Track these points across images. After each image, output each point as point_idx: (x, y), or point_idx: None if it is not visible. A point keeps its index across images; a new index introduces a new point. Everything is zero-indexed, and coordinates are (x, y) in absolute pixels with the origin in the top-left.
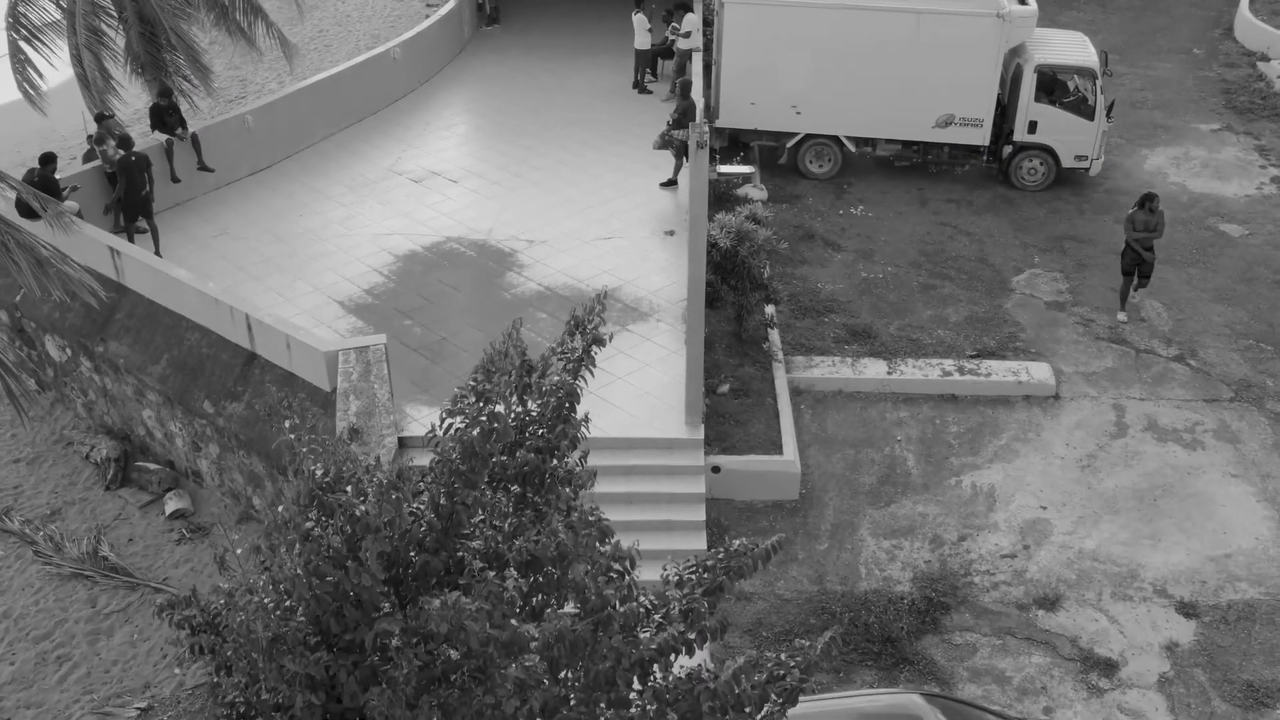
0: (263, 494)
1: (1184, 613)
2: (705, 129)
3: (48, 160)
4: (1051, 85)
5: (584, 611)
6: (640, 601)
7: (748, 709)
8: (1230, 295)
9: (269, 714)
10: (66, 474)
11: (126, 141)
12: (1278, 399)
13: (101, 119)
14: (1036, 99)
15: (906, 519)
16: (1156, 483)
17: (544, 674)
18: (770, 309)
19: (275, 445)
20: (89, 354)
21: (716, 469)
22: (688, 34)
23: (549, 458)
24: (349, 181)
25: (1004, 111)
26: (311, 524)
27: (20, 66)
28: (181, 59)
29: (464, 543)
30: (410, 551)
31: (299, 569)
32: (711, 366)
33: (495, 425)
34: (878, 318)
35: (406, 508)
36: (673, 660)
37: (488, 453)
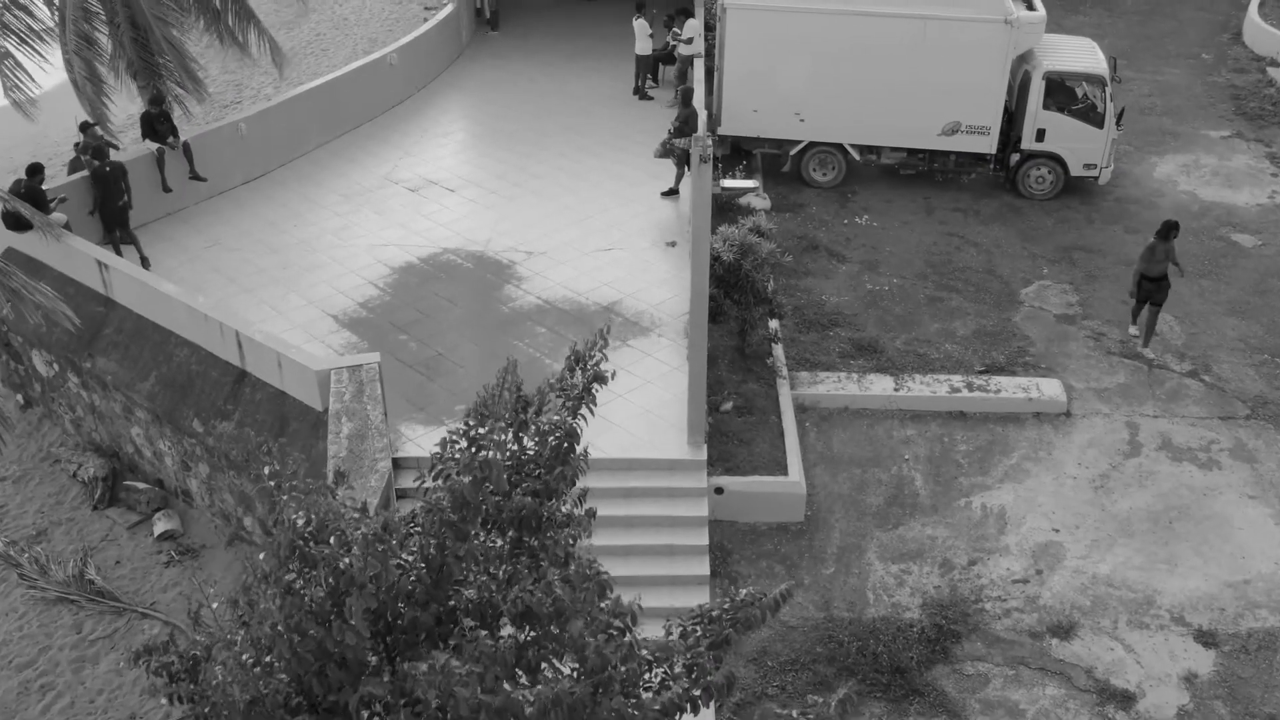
0: (254, 515)
1: (1203, 642)
2: (709, 142)
3: (35, 171)
4: (1060, 92)
5: (583, 672)
6: (642, 656)
7: None
8: (1244, 308)
9: None
10: (53, 493)
11: (100, 151)
12: None
13: (86, 127)
14: (1045, 106)
15: (915, 542)
16: (1172, 504)
17: None
18: (774, 323)
19: (256, 490)
20: (76, 370)
21: (720, 490)
22: (689, 40)
23: (546, 501)
24: (344, 190)
25: (1011, 119)
26: (293, 575)
27: (8, 72)
28: (174, 64)
29: (457, 590)
30: (399, 604)
31: (279, 624)
32: (714, 383)
33: (488, 473)
34: (884, 331)
35: (394, 561)
36: None
37: (480, 502)
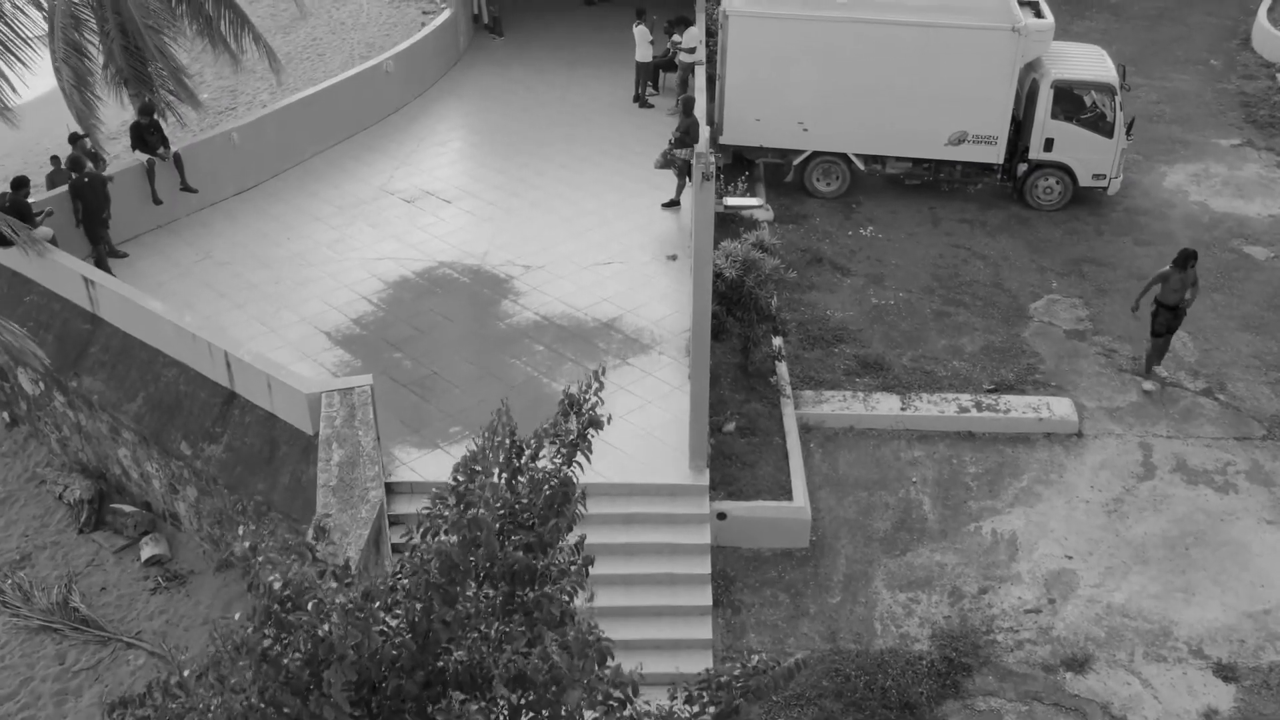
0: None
1: (1222, 676)
2: (712, 159)
3: (20, 185)
4: (1069, 101)
5: None
6: None
7: None
8: (1258, 323)
9: None
10: (38, 515)
11: (77, 163)
12: None
13: (75, 139)
14: (1053, 115)
15: (924, 569)
16: (1187, 529)
17: None
18: (778, 341)
19: (225, 557)
20: (62, 389)
21: (722, 516)
22: (691, 49)
23: (540, 555)
24: (338, 202)
25: (1019, 128)
26: (269, 642)
27: None
28: (165, 73)
29: (446, 649)
30: (382, 671)
31: (253, 697)
32: (717, 403)
33: (477, 534)
34: (890, 348)
35: (376, 627)
36: None
37: (469, 565)
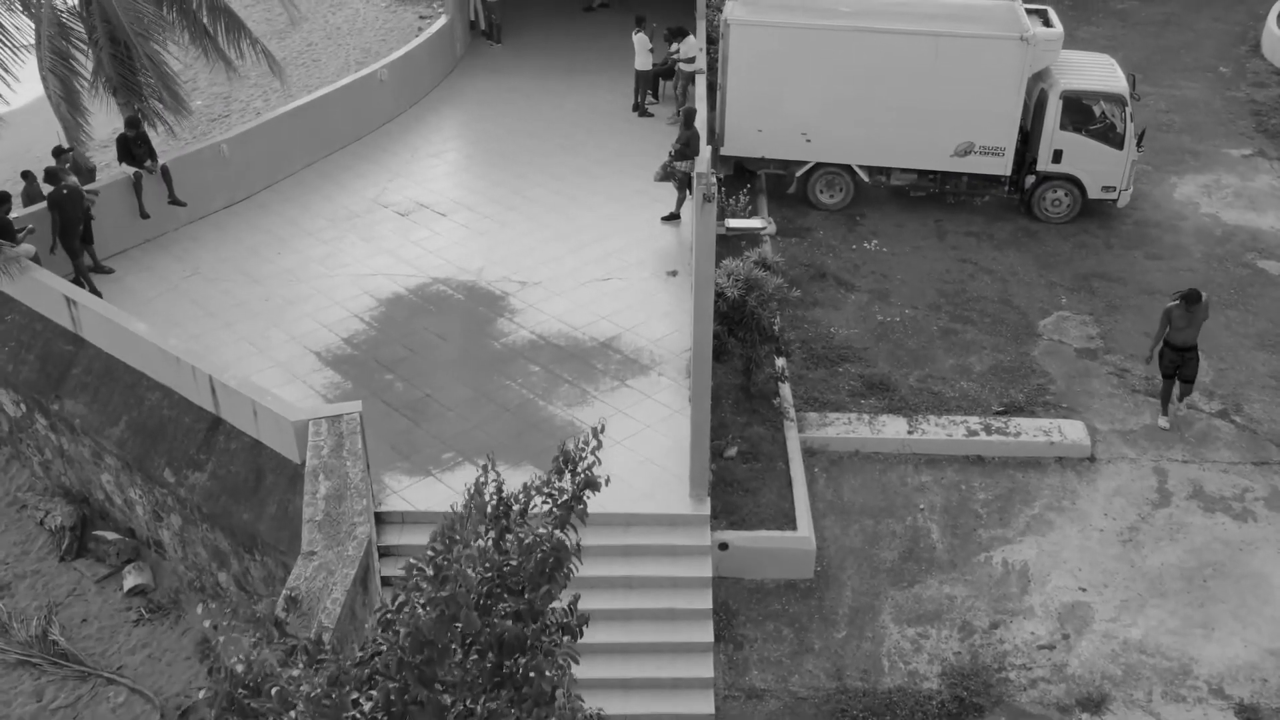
0: (228, 570)
1: (1244, 717)
2: (713, 180)
3: (1, 201)
4: (1078, 112)
5: None
6: None
7: None
8: (1274, 341)
9: None
10: (19, 541)
11: (53, 176)
12: None
13: (60, 153)
14: (1062, 126)
15: (932, 602)
16: (1206, 560)
17: None
18: (781, 362)
19: (195, 635)
20: (44, 411)
21: (724, 546)
22: (691, 59)
23: (530, 623)
24: (330, 215)
25: (1027, 139)
26: None
27: None
28: (155, 82)
29: None
30: None
31: None
32: (718, 426)
33: (455, 610)
34: (896, 367)
35: (346, 715)
36: None
37: (447, 643)
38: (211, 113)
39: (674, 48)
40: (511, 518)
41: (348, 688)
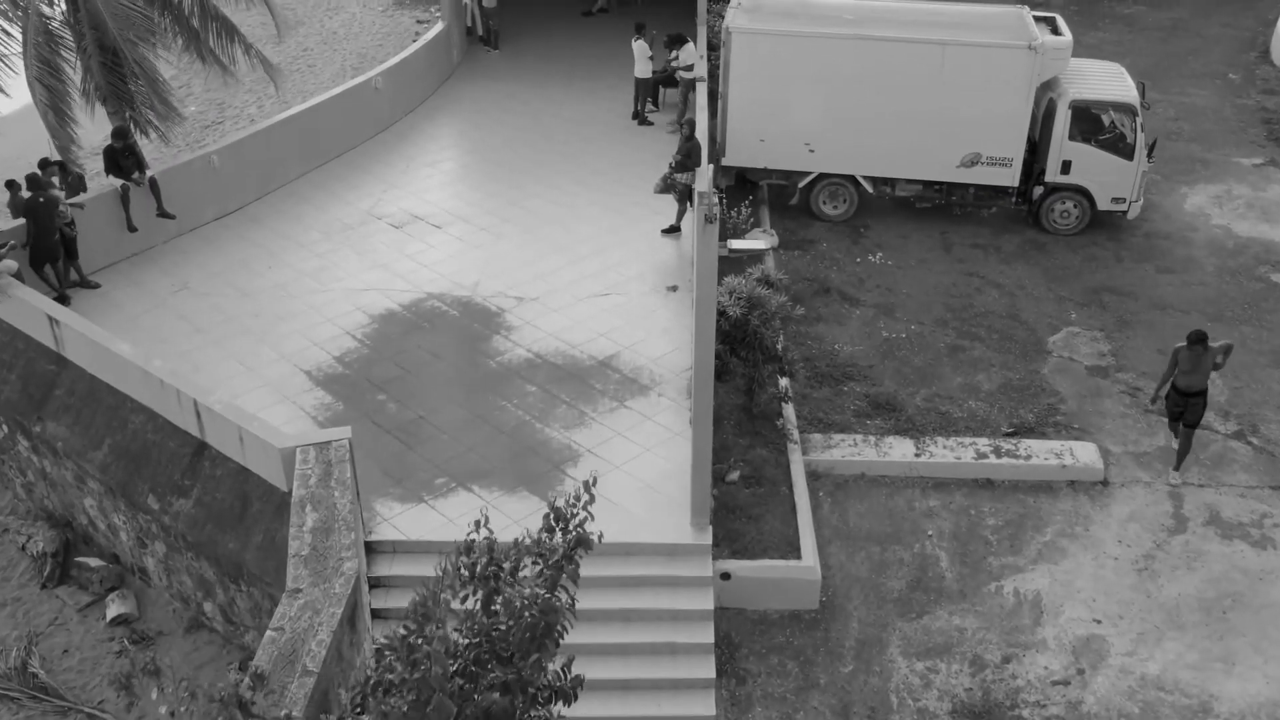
0: (214, 600)
1: None
2: (715, 200)
3: None
4: (1087, 122)
5: None
6: None
7: None
8: None
9: None
10: (1, 567)
11: (35, 183)
12: None
13: (46, 165)
14: (1071, 137)
15: (942, 634)
16: (1225, 590)
17: None
18: (784, 382)
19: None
20: (26, 433)
21: (726, 576)
22: (689, 67)
23: (519, 695)
24: (324, 227)
25: (1035, 150)
26: None
27: None
28: (146, 89)
29: None
30: None
31: None
32: (720, 449)
33: (430, 694)
34: (902, 386)
35: None
36: None
37: None
38: (205, 119)
39: (673, 55)
40: (501, 578)
41: None
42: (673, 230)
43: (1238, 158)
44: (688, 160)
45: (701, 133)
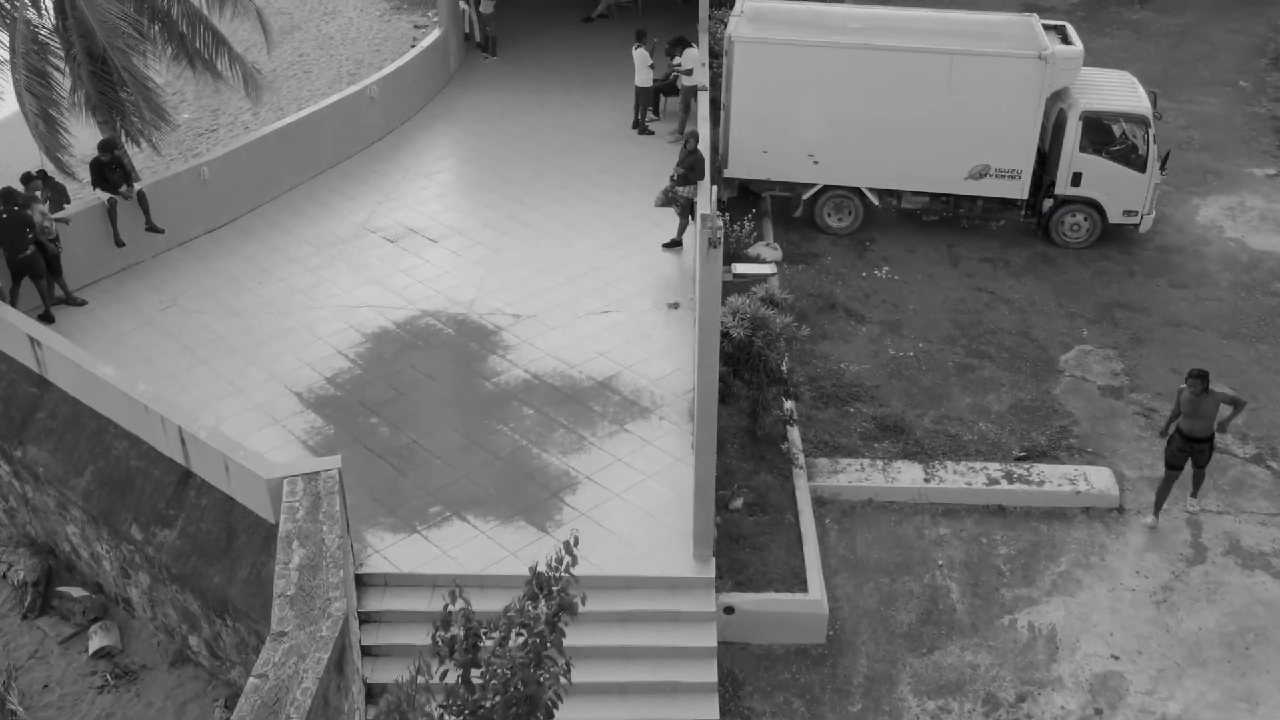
0: (199, 634)
1: None
2: (719, 223)
3: None
4: (1098, 133)
5: None
6: None
7: None
8: None
9: None
10: None
11: (8, 196)
12: None
13: (28, 180)
14: (1081, 148)
15: (954, 670)
16: (1246, 625)
17: None
18: (789, 404)
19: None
20: (7, 457)
21: (730, 610)
22: (689, 71)
23: None
24: (317, 240)
25: (1044, 161)
26: None
27: None
28: (136, 98)
29: None
30: None
31: None
32: (723, 473)
33: None
34: (910, 407)
35: None
36: None
37: None
38: (199, 127)
39: (675, 59)
40: (480, 650)
41: None
42: (674, 244)
43: (1250, 168)
44: (690, 173)
45: (704, 143)
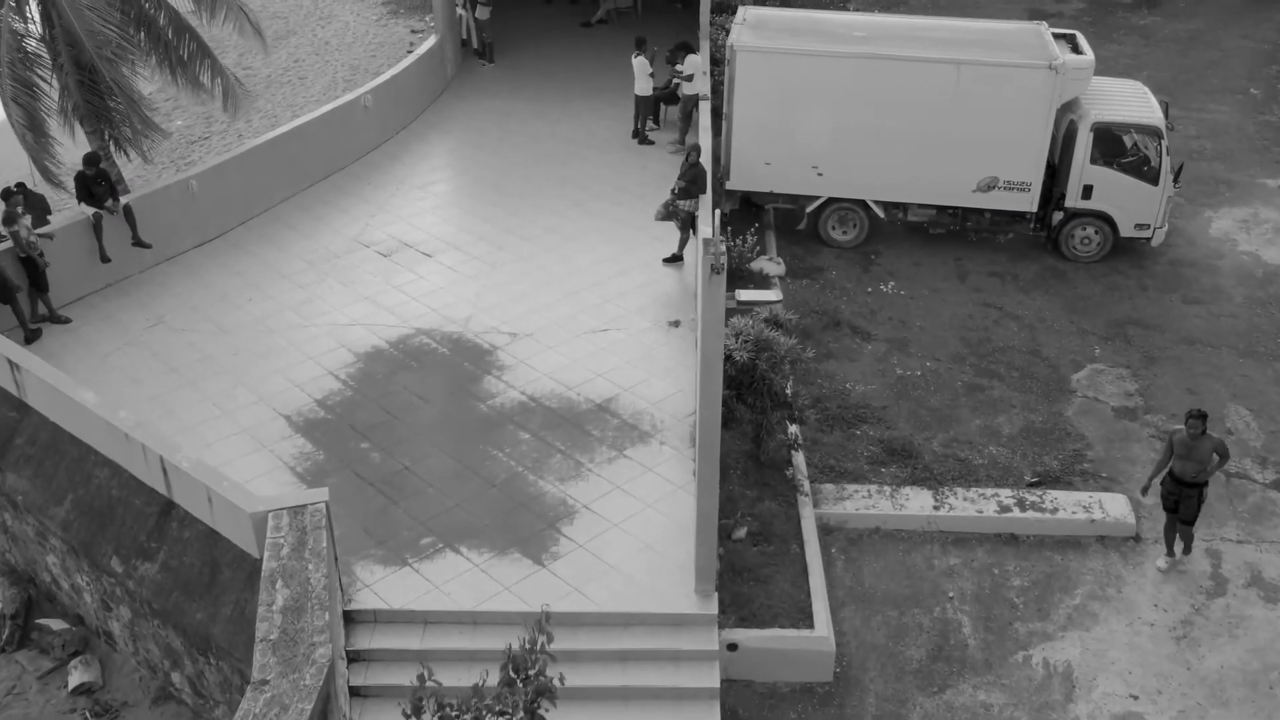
0: (182, 671)
1: None
2: (723, 249)
3: None
4: (1110, 145)
5: None
6: None
7: None
8: None
9: None
10: None
11: None
12: None
13: (8, 195)
14: (1092, 160)
15: (966, 710)
16: (1270, 662)
17: None
18: (794, 429)
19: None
20: None
21: (733, 646)
22: (689, 77)
23: None
24: (308, 255)
25: (1054, 174)
26: None
27: None
28: (125, 107)
29: None
30: None
31: None
32: (725, 501)
33: None
34: (918, 430)
35: None
36: None
37: None
38: (192, 134)
39: (677, 67)
40: None
41: None
42: (675, 259)
43: (1263, 179)
44: (691, 187)
45: (705, 154)
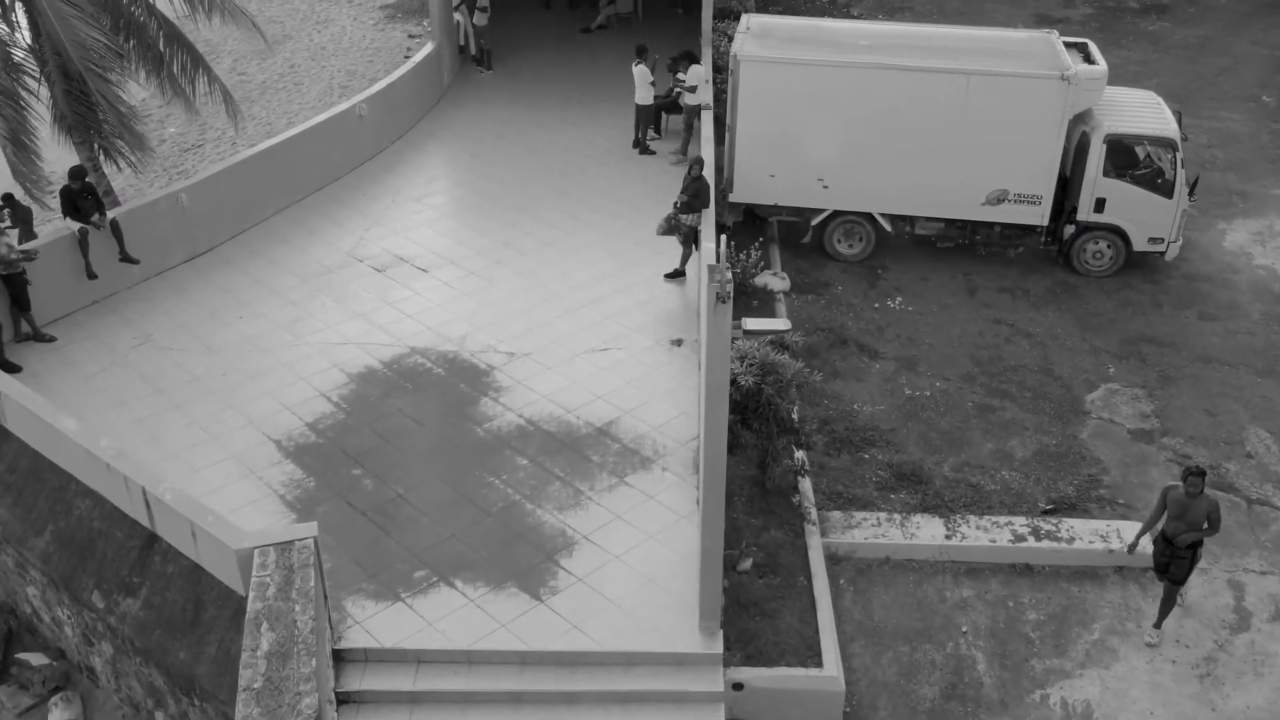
0: (165, 711)
1: None
2: (728, 275)
3: None
4: (1123, 157)
5: None
6: None
7: None
8: None
9: None
10: None
11: None
12: None
13: None
14: (1105, 173)
15: None
16: None
17: None
18: (800, 454)
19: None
20: None
21: (739, 686)
22: (693, 88)
23: None
24: (301, 270)
25: (1066, 186)
26: None
27: None
28: (112, 118)
29: None
30: None
31: None
32: (730, 531)
33: None
34: (928, 453)
35: None
36: None
37: None
38: (185, 141)
39: (679, 75)
40: None
41: None
42: (677, 275)
43: (1277, 189)
44: (694, 201)
45: (708, 166)
